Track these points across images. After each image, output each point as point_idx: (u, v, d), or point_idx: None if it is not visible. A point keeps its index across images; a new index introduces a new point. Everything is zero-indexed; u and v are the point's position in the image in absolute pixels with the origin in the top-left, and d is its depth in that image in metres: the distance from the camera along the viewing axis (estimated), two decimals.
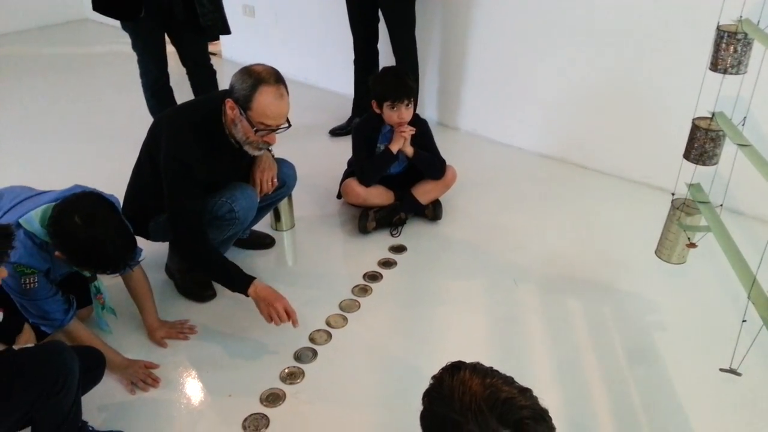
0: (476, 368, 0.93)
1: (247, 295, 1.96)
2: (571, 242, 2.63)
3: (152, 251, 2.30)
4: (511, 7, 3.21)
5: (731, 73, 1.75)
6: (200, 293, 2.28)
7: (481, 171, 3.24)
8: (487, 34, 3.37)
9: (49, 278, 1.77)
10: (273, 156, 2.32)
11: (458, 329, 2.14)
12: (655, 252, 2.13)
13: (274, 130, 1.99)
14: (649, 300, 2.27)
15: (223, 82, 3.18)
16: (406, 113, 2.51)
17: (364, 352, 2.05)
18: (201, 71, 3.16)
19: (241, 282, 1.97)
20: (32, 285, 1.71)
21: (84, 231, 1.61)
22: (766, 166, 1.56)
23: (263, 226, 2.68)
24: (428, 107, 3.78)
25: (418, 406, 1.79)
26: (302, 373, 1.95)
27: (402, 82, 2.52)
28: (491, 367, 0.95)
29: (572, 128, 3.23)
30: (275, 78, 1.96)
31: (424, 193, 2.70)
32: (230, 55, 4.94)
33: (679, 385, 1.90)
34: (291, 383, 1.92)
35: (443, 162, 2.70)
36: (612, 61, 2.96)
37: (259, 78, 1.93)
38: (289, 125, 2.03)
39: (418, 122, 2.65)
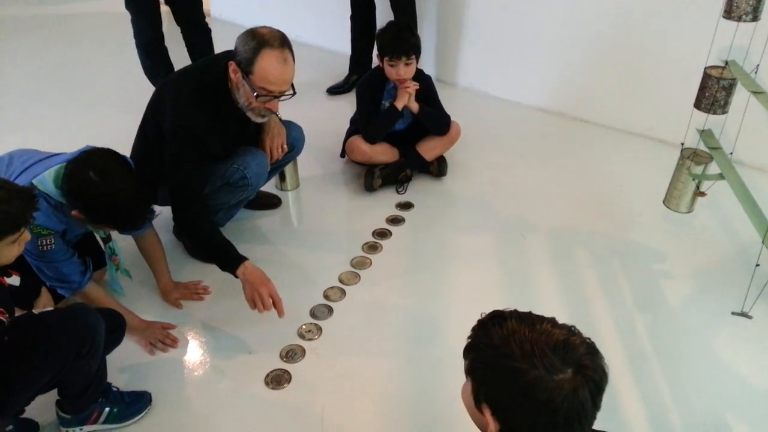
0: (521, 316, 0.95)
1: (236, 276, 1.86)
2: (576, 195, 2.65)
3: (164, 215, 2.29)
4: None
5: (745, 21, 1.74)
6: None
7: (483, 127, 3.24)
8: None
9: (65, 240, 1.76)
10: (281, 119, 2.29)
11: (469, 282, 2.17)
12: (664, 201, 2.16)
13: (276, 97, 1.91)
14: (656, 249, 2.31)
15: (217, 43, 3.14)
16: (405, 70, 2.48)
17: (378, 307, 2.07)
18: (196, 30, 3.09)
19: (232, 261, 1.85)
20: (49, 247, 1.70)
21: (100, 186, 1.59)
22: None
23: (268, 186, 2.66)
24: (426, 63, 3.73)
25: (435, 355, 1.84)
26: (319, 330, 1.97)
27: (401, 37, 2.47)
28: (530, 312, 0.97)
29: (573, 81, 3.22)
30: (280, 42, 1.87)
31: (429, 149, 2.70)
32: (219, 14, 4.82)
33: (689, 331, 1.95)
34: (309, 339, 1.94)
35: (448, 117, 2.68)
36: (615, 9, 2.93)
37: (263, 40, 1.85)
38: (294, 93, 1.94)
39: (421, 78, 2.62)
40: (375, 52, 2.57)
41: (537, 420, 0.87)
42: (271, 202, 2.60)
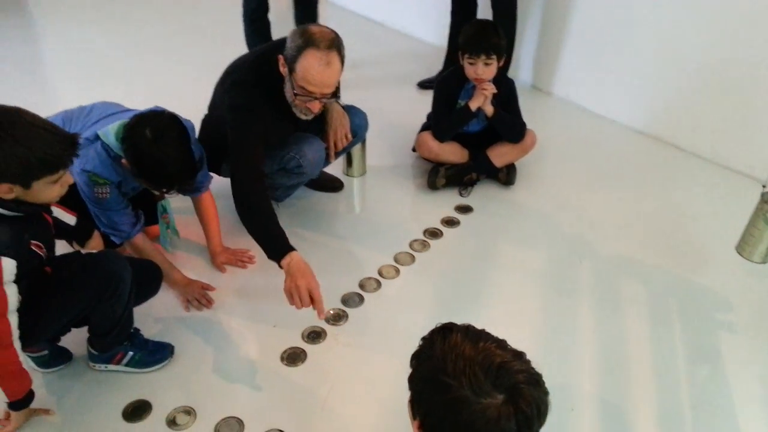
0: (468, 331, 0.90)
1: (280, 266, 1.80)
2: (649, 225, 2.47)
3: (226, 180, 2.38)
4: None
5: None
6: None
7: (568, 139, 3.10)
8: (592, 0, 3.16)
9: (121, 191, 1.88)
10: (343, 107, 2.29)
11: (510, 296, 2.09)
12: (736, 248, 1.97)
13: (316, 98, 1.88)
14: (722, 297, 2.11)
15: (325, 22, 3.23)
16: (484, 70, 2.40)
17: (409, 305, 2.05)
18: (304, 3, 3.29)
19: (279, 248, 1.80)
20: (104, 195, 1.82)
21: (150, 145, 1.68)
22: None
23: (336, 169, 2.70)
24: (523, 68, 3.62)
25: None
26: (346, 316, 1.99)
27: (484, 36, 2.40)
28: (483, 330, 0.92)
29: (673, 106, 3.00)
30: (328, 43, 1.81)
31: (499, 155, 2.62)
32: None
33: (740, 394, 1.76)
34: (334, 324, 1.96)
35: (523, 125, 2.59)
36: (724, 35, 2.68)
37: (310, 40, 1.81)
38: (336, 97, 1.89)
39: (503, 82, 2.55)
40: None
41: None
42: (333, 186, 2.63)
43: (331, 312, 2.00)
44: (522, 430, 0.81)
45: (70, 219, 1.73)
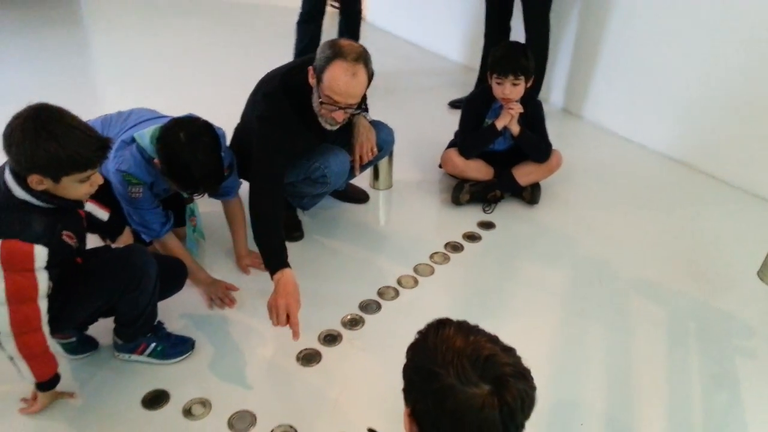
0: (461, 326, 0.93)
1: (272, 278, 1.82)
2: (672, 250, 2.45)
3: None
4: None
5: None
6: (289, 234, 2.41)
7: (595, 162, 3.10)
8: (625, 25, 3.17)
9: (152, 192, 1.97)
10: (370, 122, 2.36)
11: (526, 312, 2.10)
12: (758, 273, 1.95)
13: (341, 108, 1.95)
14: (743, 323, 2.08)
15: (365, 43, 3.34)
16: (511, 90, 2.45)
17: (425, 315, 2.04)
18: (348, 11, 3.56)
19: (276, 261, 1.83)
20: (137, 195, 1.92)
21: (183, 147, 1.78)
22: None
23: (363, 181, 2.77)
24: (554, 91, 3.65)
25: None
26: (363, 322, 2.03)
27: (513, 57, 2.45)
28: (476, 325, 0.95)
29: (704, 132, 2.98)
30: (355, 56, 1.88)
31: (524, 174, 2.64)
32: (372, 18, 5.05)
33: (753, 420, 1.74)
34: (350, 329, 2.00)
35: (549, 146, 2.61)
36: (755, 63, 2.67)
37: (339, 51, 1.88)
38: (363, 110, 1.94)
39: (530, 103, 2.58)
40: None
41: (443, 429, 0.85)
42: (359, 197, 2.69)
43: (349, 317, 2.04)
44: (506, 421, 0.84)
45: (103, 215, 1.83)
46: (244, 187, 2.26)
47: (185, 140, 1.79)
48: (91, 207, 1.78)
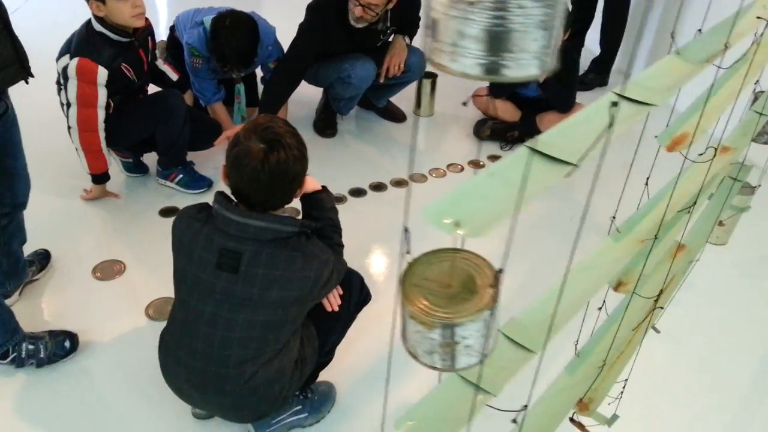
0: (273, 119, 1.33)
1: None
2: None
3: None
4: None
5: None
6: (323, 130, 2.90)
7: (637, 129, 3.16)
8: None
9: (209, 66, 2.53)
10: (407, 44, 2.74)
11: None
12: None
13: (362, 5, 2.38)
14: None
15: None
16: None
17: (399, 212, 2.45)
18: None
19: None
20: (197, 65, 2.50)
21: (224, 29, 2.32)
22: None
23: (407, 106, 3.14)
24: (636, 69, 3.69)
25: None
26: (346, 200, 2.47)
27: None
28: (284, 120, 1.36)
29: None
30: None
31: (546, 121, 2.83)
32: None
33: None
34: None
35: (572, 97, 2.79)
36: None
37: None
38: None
39: (566, 53, 2.76)
40: None
41: (232, 173, 1.27)
42: (396, 116, 3.08)
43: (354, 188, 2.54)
44: (272, 171, 1.24)
45: (173, 77, 2.43)
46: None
47: (228, 24, 2.33)
48: (165, 69, 2.40)
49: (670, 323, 1.94)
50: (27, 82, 1.54)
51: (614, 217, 1.08)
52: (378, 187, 2.57)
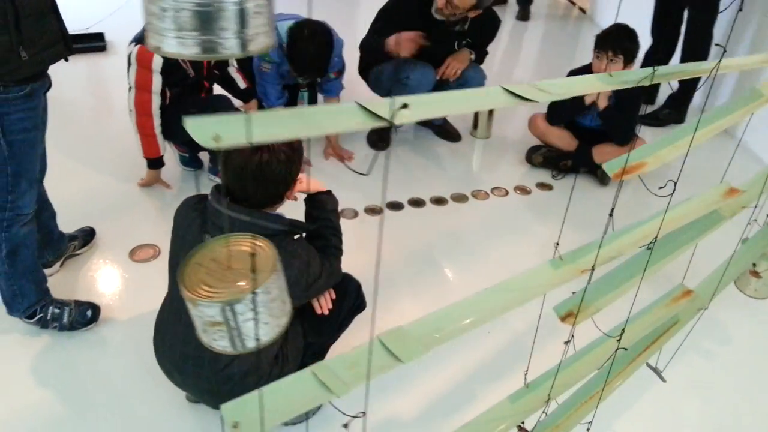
0: None
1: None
2: None
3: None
4: None
5: None
6: (375, 141, 2.97)
7: (709, 168, 2.98)
8: None
9: (278, 71, 2.65)
10: (472, 59, 2.76)
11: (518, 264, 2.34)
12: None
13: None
14: None
15: None
16: (609, 67, 2.56)
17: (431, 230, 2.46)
18: None
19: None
20: (266, 69, 2.63)
21: (302, 38, 2.43)
22: None
23: (463, 128, 3.14)
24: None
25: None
26: (381, 212, 2.49)
27: (615, 35, 2.56)
28: None
29: None
30: None
31: (602, 153, 2.74)
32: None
33: None
34: (370, 214, 2.47)
35: (632, 130, 2.68)
36: None
37: None
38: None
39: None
40: None
41: (222, 169, 1.34)
42: (451, 135, 3.09)
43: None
44: (263, 172, 1.30)
45: (242, 84, 2.57)
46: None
47: (307, 35, 2.44)
48: (236, 76, 2.55)
49: (700, 375, 1.84)
50: (67, 60, 1.67)
51: (558, 244, 1.04)
52: (417, 203, 2.58)
